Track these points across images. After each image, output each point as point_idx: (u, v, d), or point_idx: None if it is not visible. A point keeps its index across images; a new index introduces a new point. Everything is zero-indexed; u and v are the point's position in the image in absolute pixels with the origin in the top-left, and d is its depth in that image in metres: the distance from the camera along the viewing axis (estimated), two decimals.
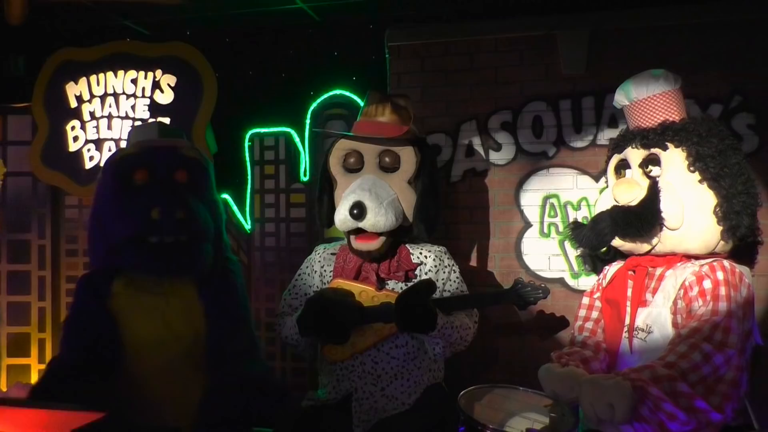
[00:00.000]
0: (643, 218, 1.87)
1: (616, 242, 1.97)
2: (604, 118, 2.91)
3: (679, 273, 1.88)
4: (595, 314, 2.09)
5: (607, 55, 2.90)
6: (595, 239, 1.97)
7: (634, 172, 2.01)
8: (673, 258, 1.94)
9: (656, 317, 1.86)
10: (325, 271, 2.33)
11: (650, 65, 2.12)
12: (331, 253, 2.36)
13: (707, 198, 1.88)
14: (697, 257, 1.90)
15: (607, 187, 2.18)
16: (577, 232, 2.06)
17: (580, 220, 2.57)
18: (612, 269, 2.09)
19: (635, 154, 2.01)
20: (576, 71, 2.92)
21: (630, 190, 1.94)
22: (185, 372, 2.07)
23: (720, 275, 1.79)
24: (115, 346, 2.03)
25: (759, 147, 2.75)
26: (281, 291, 2.44)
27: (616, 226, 1.92)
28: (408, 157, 2.27)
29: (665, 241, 1.92)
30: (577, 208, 2.94)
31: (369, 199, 2.15)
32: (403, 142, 2.27)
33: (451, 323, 2.15)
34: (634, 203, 1.92)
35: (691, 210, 1.87)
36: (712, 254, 1.91)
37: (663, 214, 1.87)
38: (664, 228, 1.89)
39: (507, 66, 3.04)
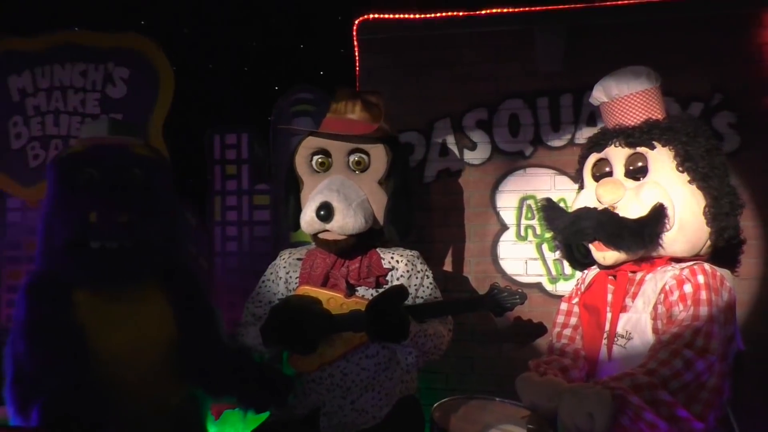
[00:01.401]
0: (638, 235, 1.87)
1: (595, 255, 1.98)
2: (583, 117, 2.94)
3: (659, 277, 1.90)
4: (573, 320, 2.10)
5: (585, 52, 2.92)
6: (573, 235, 1.98)
7: (617, 172, 2.02)
8: (655, 261, 1.95)
9: (636, 323, 1.88)
10: (290, 277, 2.32)
11: (630, 62, 2.14)
12: (297, 258, 2.34)
13: (697, 199, 1.91)
14: (680, 260, 1.93)
15: (581, 188, 2.20)
16: (554, 217, 2.06)
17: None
18: (591, 273, 2.11)
19: (618, 153, 2.02)
20: (554, 68, 2.94)
21: (615, 191, 1.95)
22: (163, 380, 2.06)
23: (701, 279, 1.81)
24: (85, 361, 1.96)
25: (740, 147, 2.80)
26: (244, 299, 2.42)
27: (601, 230, 1.92)
28: (379, 156, 2.27)
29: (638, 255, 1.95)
30: None
31: (337, 200, 2.15)
32: (374, 141, 2.27)
33: (424, 331, 2.15)
34: (618, 204, 1.94)
35: (681, 211, 1.90)
36: (694, 257, 1.94)
37: (660, 237, 1.89)
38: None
39: (482, 62, 3.06)
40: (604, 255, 1.97)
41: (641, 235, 1.87)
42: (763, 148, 2.80)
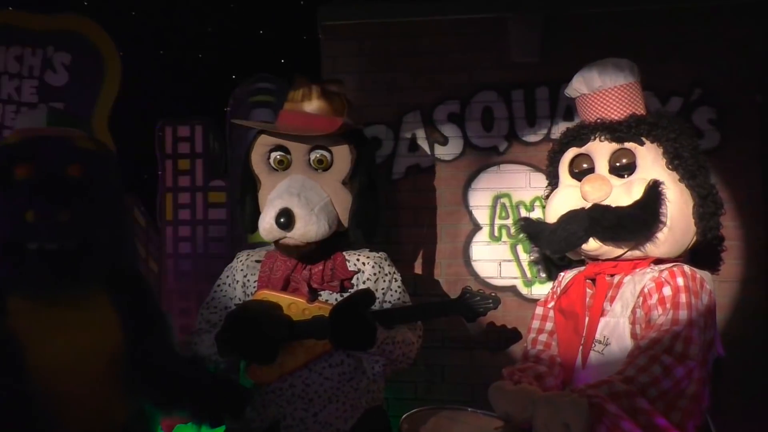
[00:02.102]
0: (639, 218, 1.87)
1: (589, 245, 1.98)
2: (560, 111, 2.98)
3: (637, 279, 1.92)
4: (549, 326, 2.12)
5: (562, 42, 2.95)
6: (564, 242, 1.96)
7: (600, 168, 2.03)
8: (639, 263, 1.97)
9: (614, 328, 1.90)
10: (248, 281, 2.29)
11: (608, 54, 2.16)
12: (256, 261, 2.32)
13: (686, 198, 1.94)
14: (660, 261, 1.96)
15: (550, 186, 2.22)
16: (537, 233, 2.06)
17: (530, 216, 2.55)
18: (568, 276, 2.13)
19: (601, 148, 2.03)
20: (529, 58, 2.96)
21: (603, 188, 1.95)
22: (107, 394, 2.00)
23: (680, 281, 1.83)
24: (20, 374, 1.89)
25: (720, 144, 2.87)
26: (197, 304, 2.40)
27: (596, 226, 1.91)
28: (342, 153, 2.25)
29: (642, 245, 1.96)
30: (531, 208, 3.00)
31: (298, 206, 2.13)
32: (337, 136, 2.24)
33: (392, 338, 2.15)
34: (605, 202, 1.94)
35: (672, 210, 1.92)
36: (675, 258, 1.98)
37: (663, 217, 1.89)
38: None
39: (454, 51, 3.07)
40: (599, 251, 1.98)
41: (643, 218, 1.88)
42: (744, 145, 2.87)
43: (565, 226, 1.96)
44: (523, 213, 3.01)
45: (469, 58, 3.06)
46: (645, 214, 1.89)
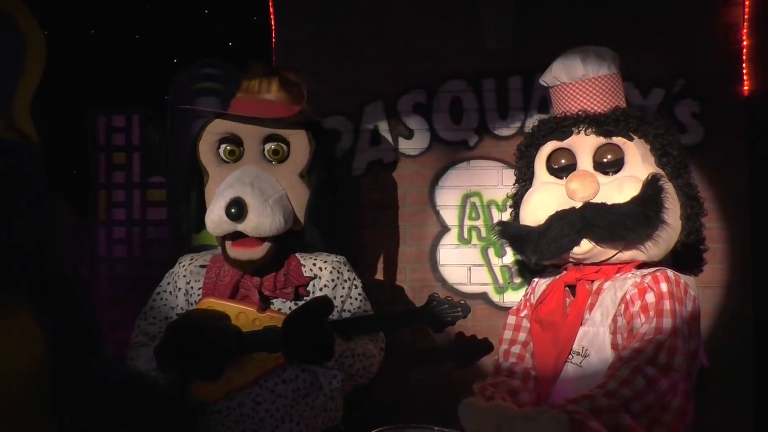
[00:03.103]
0: (642, 218, 1.88)
1: (581, 248, 1.99)
2: (534, 102, 3.00)
3: (618, 285, 1.95)
4: (522, 336, 2.14)
5: (537, 28, 2.99)
6: (555, 245, 1.96)
7: (583, 164, 2.04)
8: (622, 267, 2.00)
9: (593, 338, 1.92)
10: (191, 288, 2.27)
11: (586, 41, 2.20)
12: (200, 266, 2.30)
13: (674, 198, 1.98)
14: (643, 266, 2.00)
15: (519, 183, 2.23)
16: (521, 238, 2.05)
17: (504, 218, 2.54)
18: (543, 283, 2.15)
19: (585, 142, 2.04)
20: (501, 45, 2.99)
21: (593, 185, 1.96)
22: (29, 415, 1.90)
23: (664, 287, 1.86)
24: None
25: (704, 139, 2.94)
26: (134, 315, 2.35)
27: (592, 226, 1.91)
28: (300, 144, 2.25)
29: (637, 246, 1.99)
30: (503, 208, 3.01)
31: (251, 196, 2.11)
32: (294, 126, 2.24)
33: (351, 351, 2.13)
34: (593, 201, 1.96)
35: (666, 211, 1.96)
36: (657, 262, 2.02)
37: (666, 214, 1.92)
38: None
39: (420, 36, 3.08)
40: (589, 254, 1.99)
41: (646, 215, 1.89)
42: (729, 141, 2.93)
43: (556, 227, 1.95)
44: (495, 213, 3.02)
45: (437, 44, 3.07)
46: (647, 210, 1.90)
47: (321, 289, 2.24)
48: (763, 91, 2.91)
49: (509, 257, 2.96)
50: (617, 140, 2.02)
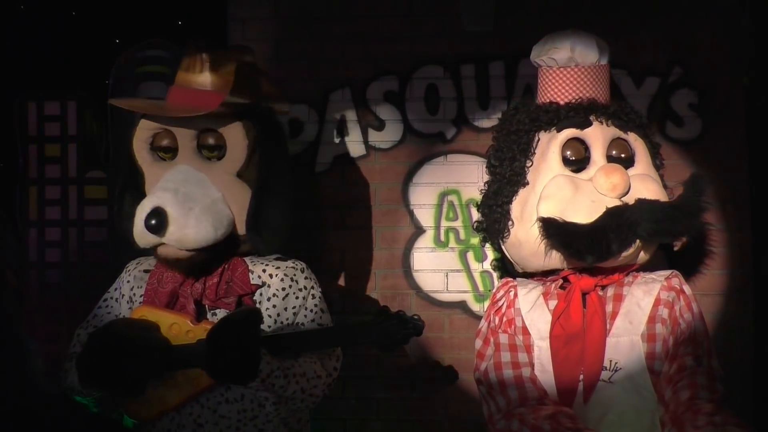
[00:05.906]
0: (697, 217, 1.95)
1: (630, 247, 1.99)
2: (518, 90, 2.94)
3: (641, 291, 1.97)
4: (523, 357, 2.05)
5: (521, 9, 2.93)
6: (618, 244, 1.89)
7: (597, 157, 2.01)
8: (628, 271, 2.02)
9: (625, 349, 1.92)
10: (134, 294, 2.24)
11: (574, 23, 2.17)
12: (144, 271, 2.27)
13: (664, 199, 2.02)
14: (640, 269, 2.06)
15: (497, 177, 2.16)
16: (572, 234, 1.95)
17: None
18: (524, 292, 2.08)
19: (600, 134, 2.01)
20: (482, 27, 2.92)
21: (627, 181, 1.94)
22: None
23: (687, 289, 1.95)
24: None
25: (702, 132, 2.89)
26: (69, 327, 2.33)
27: (654, 224, 1.88)
28: (234, 139, 2.17)
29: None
30: None
31: (172, 204, 2.06)
32: (229, 118, 2.16)
33: (285, 370, 2.04)
34: (626, 199, 1.95)
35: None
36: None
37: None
38: None
39: (392, 16, 3.02)
40: (625, 257, 1.97)
41: (697, 216, 1.96)
42: (728, 135, 2.89)
43: (626, 223, 1.90)
44: (475, 213, 2.84)
45: (410, 25, 3.01)
46: (699, 209, 1.96)
47: (269, 299, 2.17)
48: (766, 81, 2.88)
49: (490, 262, 2.87)
50: (631, 135, 2.04)
